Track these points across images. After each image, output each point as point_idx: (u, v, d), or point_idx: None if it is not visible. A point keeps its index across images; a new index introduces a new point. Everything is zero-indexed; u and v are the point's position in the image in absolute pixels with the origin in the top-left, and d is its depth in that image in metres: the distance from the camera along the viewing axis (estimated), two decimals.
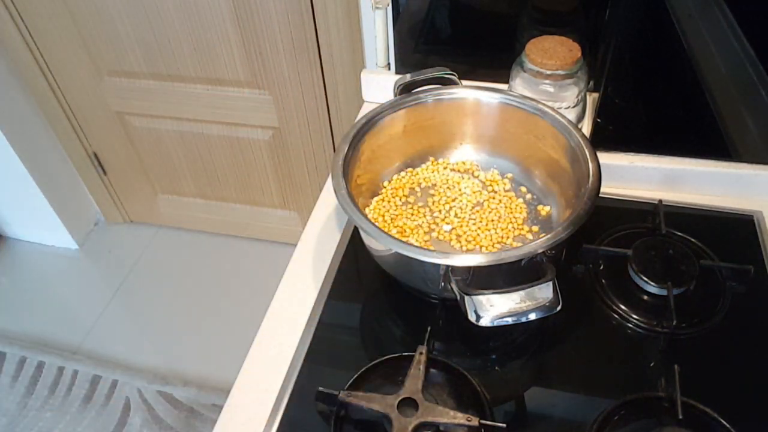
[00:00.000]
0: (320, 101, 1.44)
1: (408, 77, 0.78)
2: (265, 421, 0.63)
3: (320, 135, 1.52)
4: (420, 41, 1.08)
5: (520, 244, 0.71)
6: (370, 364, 0.65)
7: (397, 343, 0.72)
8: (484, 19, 1.07)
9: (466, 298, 0.57)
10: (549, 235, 0.60)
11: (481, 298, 0.57)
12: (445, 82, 0.78)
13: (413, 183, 0.82)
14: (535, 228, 0.76)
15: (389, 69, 1.06)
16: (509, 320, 0.56)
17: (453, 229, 0.76)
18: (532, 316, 0.57)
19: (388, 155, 0.81)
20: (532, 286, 0.57)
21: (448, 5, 1.08)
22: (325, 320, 0.73)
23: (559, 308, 0.57)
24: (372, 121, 0.75)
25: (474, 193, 0.80)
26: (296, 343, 0.70)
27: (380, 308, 0.76)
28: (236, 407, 0.65)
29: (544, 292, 0.57)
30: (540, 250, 0.59)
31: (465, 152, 0.84)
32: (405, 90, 0.77)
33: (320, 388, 0.61)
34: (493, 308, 0.57)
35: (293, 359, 0.68)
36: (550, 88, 0.85)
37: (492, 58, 1.05)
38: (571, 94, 0.85)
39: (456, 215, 0.77)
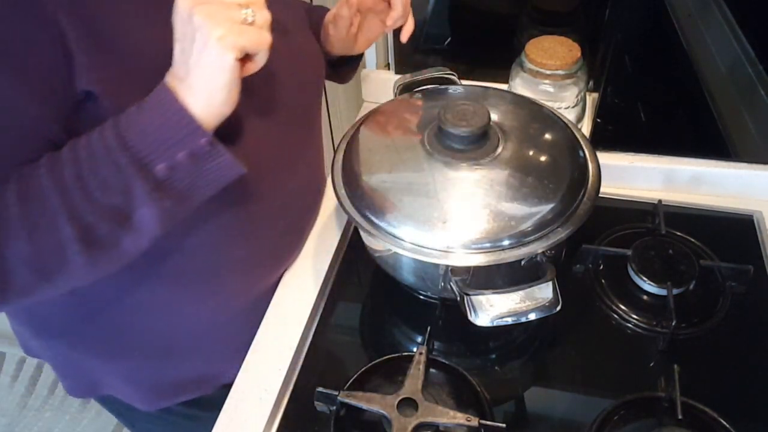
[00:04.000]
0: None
1: (408, 77, 0.78)
2: (265, 421, 0.63)
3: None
4: (420, 41, 1.08)
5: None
6: (370, 364, 0.65)
7: (397, 343, 0.72)
8: (484, 19, 1.08)
9: (466, 298, 0.57)
10: (549, 235, 0.60)
11: (480, 298, 0.57)
12: (445, 82, 0.78)
13: None
14: None
15: (389, 69, 1.06)
16: (509, 320, 0.56)
17: None
18: (532, 316, 0.57)
19: None
20: (532, 286, 0.57)
21: (448, 5, 1.08)
22: (325, 320, 0.73)
23: (558, 308, 0.57)
24: None
25: None
26: (296, 343, 0.69)
27: (380, 308, 0.76)
28: (236, 407, 0.65)
29: (544, 292, 0.57)
30: (540, 250, 0.59)
31: None
32: (405, 90, 0.77)
33: (320, 389, 0.61)
34: (493, 308, 0.57)
35: (293, 359, 0.68)
36: (550, 88, 0.85)
37: (492, 58, 1.05)
38: (571, 94, 0.85)
39: None
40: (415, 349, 0.64)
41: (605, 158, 0.74)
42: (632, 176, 0.86)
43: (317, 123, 0.75)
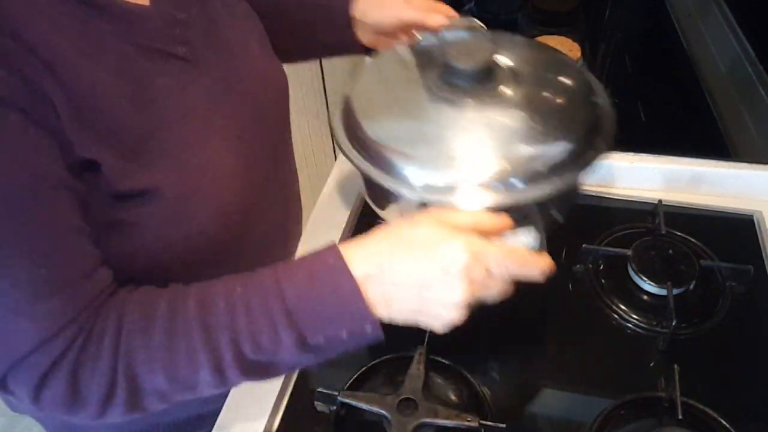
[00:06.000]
0: (320, 101, 1.44)
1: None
2: (265, 421, 0.63)
3: (320, 135, 1.52)
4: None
5: None
6: (370, 364, 0.65)
7: (397, 343, 0.71)
8: (484, 19, 1.08)
9: None
10: (535, 186, 0.54)
11: None
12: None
13: None
14: None
15: None
16: None
17: None
18: None
19: None
20: (514, 229, 0.53)
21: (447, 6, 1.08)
22: None
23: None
24: None
25: None
26: None
27: None
28: (236, 407, 0.65)
29: (524, 238, 0.54)
30: (524, 201, 0.54)
31: None
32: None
33: (320, 389, 0.61)
34: None
35: None
36: None
37: None
38: None
39: None
40: (415, 349, 0.64)
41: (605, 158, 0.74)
42: (632, 176, 0.86)
43: (288, 140, 0.74)
